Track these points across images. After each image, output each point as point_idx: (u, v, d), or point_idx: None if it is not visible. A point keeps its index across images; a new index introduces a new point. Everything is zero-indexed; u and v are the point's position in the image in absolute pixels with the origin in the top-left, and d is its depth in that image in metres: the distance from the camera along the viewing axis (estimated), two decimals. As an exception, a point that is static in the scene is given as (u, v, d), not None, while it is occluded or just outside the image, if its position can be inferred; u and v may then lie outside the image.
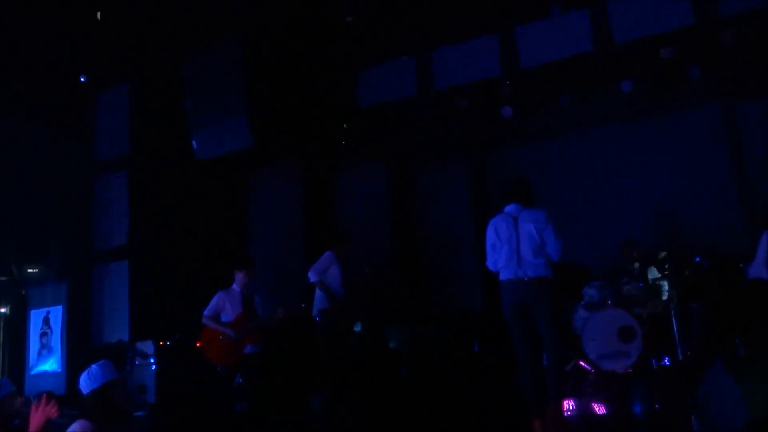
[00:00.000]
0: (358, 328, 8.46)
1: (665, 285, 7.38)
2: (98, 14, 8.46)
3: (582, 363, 7.15)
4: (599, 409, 5.86)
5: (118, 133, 9.48)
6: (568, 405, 5.65)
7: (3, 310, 9.33)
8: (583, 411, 5.68)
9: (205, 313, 6.95)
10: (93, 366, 4.20)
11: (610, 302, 7.49)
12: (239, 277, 7.05)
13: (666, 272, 7.21)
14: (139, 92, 9.46)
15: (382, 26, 9.19)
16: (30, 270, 9.29)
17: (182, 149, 8.91)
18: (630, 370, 7.03)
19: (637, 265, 7.89)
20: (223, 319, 6.93)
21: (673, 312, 6.99)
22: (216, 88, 8.60)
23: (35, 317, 9.36)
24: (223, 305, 6.98)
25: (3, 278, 9.29)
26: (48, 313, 9.32)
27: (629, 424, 5.49)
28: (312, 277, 7.64)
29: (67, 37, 8.74)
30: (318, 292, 7.64)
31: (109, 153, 9.49)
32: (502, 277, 5.43)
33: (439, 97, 9.33)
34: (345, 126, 9.94)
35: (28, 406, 4.34)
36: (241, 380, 6.99)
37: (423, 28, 9.24)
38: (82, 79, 9.44)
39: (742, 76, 8.52)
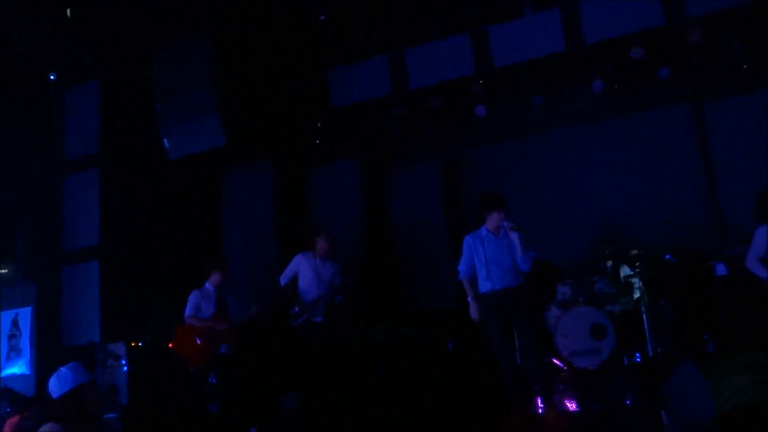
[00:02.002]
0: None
1: (637, 282, 7.47)
2: (68, 11, 8.34)
3: (555, 360, 7.23)
4: (571, 405, 5.92)
5: (88, 132, 9.34)
6: (539, 402, 5.71)
7: (-30, 312, 9.15)
8: (556, 408, 5.73)
9: (188, 313, 6.90)
10: (62, 369, 4.16)
11: (582, 300, 7.58)
12: (215, 277, 7.01)
13: (637, 270, 7.31)
14: (109, 90, 9.32)
15: (355, 25, 9.18)
16: (-3, 271, 9.13)
17: (154, 148, 8.80)
18: (602, 367, 7.12)
19: (609, 263, 7.98)
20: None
21: (643, 309, 7.09)
22: (187, 86, 8.51)
23: (4, 319, 9.19)
24: (199, 304, 6.94)
25: (-30, 280, 9.12)
26: (16, 314, 9.16)
27: (601, 420, 5.55)
28: (281, 281, 7.50)
29: (36, 34, 8.59)
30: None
31: (79, 151, 9.35)
32: None
33: (413, 96, 9.33)
34: (318, 125, 9.90)
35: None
36: (215, 381, 6.95)
37: (396, 27, 9.24)
38: (51, 77, 9.29)
39: (710, 77, 8.66)
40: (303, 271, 7.34)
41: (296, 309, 7.26)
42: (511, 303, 5.65)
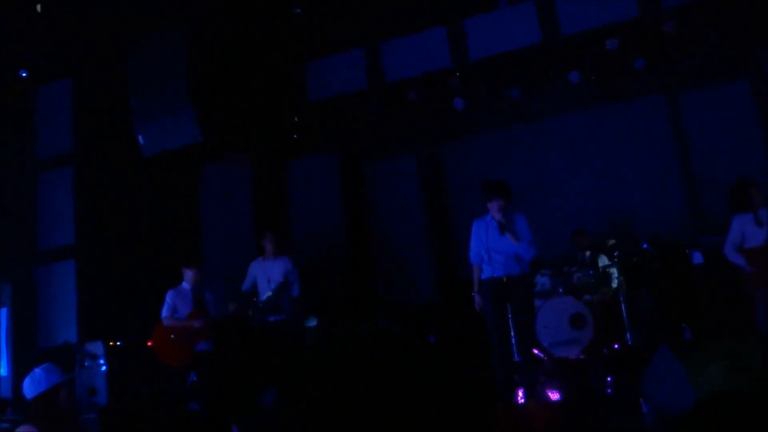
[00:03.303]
0: (313, 323, 8.41)
1: (615, 272, 7.53)
2: (38, 6, 8.19)
3: (535, 350, 7.27)
4: (553, 395, 5.95)
5: (62, 130, 9.19)
6: (521, 392, 5.74)
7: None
8: (538, 398, 5.76)
9: (165, 314, 6.85)
10: (36, 370, 4.09)
11: (561, 290, 7.63)
12: (189, 275, 6.96)
13: (615, 259, 7.36)
14: (82, 87, 9.18)
15: (331, 18, 9.13)
16: (-30, 272, 8.99)
17: (129, 145, 8.68)
18: (581, 356, 7.17)
19: (587, 253, 8.04)
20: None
21: (622, 298, 7.15)
22: (161, 83, 8.40)
23: (-22, 320, 9.06)
24: (175, 304, 6.88)
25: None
26: (-9, 315, 9.03)
27: (582, 408, 5.59)
28: (242, 288, 7.76)
29: (6, 31, 8.44)
30: None
31: (53, 150, 9.20)
32: None
33: (390, 89, 9.32)
34: (295, 119, 9.85)
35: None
36: (195, 379, 6.90)
37: (372, 20, 9.21)
38: (22, 74, 9.14)
39: (685, 67, 8.74)
40: (256, 275, 7.69)
41: (250, 312, 7.49)
42: (509, 290, 5.61)
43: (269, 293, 7.38)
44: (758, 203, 6.19)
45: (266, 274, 7.55)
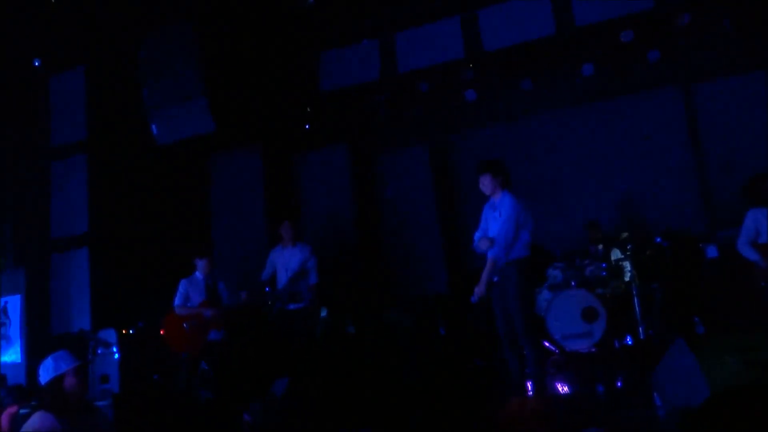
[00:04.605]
0: (323, 313, 8.44)
1: (627, 266, 7.49)
2: (51, -5, 8.22)
3: (546, 343, 7.26)
4: (563, 388, 5.95)
5: (75, 118, 9.23)
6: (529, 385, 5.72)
7: (-41, 300, 9.09)
8: (547, 390, 5.75)
9: (177, 303, 6.91)
10: (50, 356, 4.13)
11: (573, 283, 7.60)
12: (200, 265, 7.00)
13: (628, 253, 7.33)
14: (95, 76, 9.20)
15: (344, 8, 9.09)
16: (-15, 259, 9.07)
17: (142, 134, 8.71)
18: (593, 350, 7.15)
19: (600, 246, 8.00)
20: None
21: (635, 292, 7.12)
22: (174, 72, 8.41)
23: (-7, 307, 9.15)
24: (187, 293, 6.93)
25: (-43, 269, 9.05)
26: (6, 302, 9.10)
27: (592, 402, 5.58)
28: (261, 277, 7.84)
29: (20, 20, 8.46)
30: None
31: (66, 138, 9.24)
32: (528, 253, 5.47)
33: (402, 79, 9.28)
34: (308, 109, 9.84)
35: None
36: (206, 367, 6.94)
37: (385, 11, 9.18)
38: (36, 63, 9.17)
39: (699, 59, 8.67)
40: (275, 264, 7.77)
41: (268, 302, 7.56)
42: (503, 279, 5.49)
43: (287, 281, 7.42)
44: (773, 198, 6.15)
45: (285, 263, 7.62)
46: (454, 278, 9.54)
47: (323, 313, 8.42)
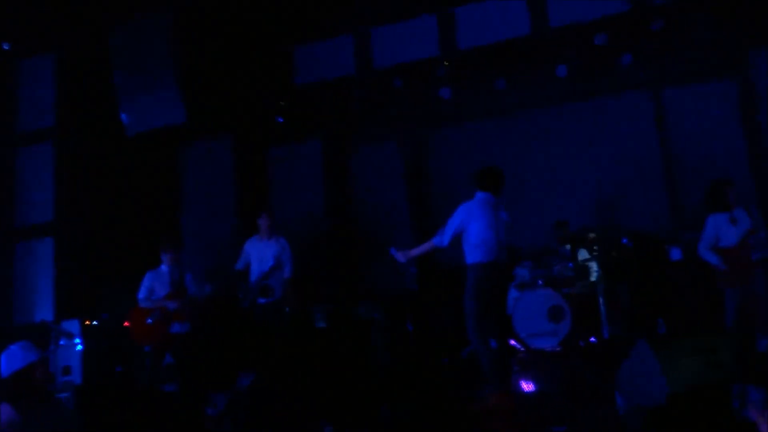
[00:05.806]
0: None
1: (594, 266, 7.58)
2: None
3: (512, 341, 7.31)
4: (527, 386, 5.99)
5: (43, 104, 9.08)
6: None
7: None
8: (511, 388, 5.79)
9: (141, 296, 6.84)
10: (12, 347, 4.07)
11: (540, 282, 7.67)
12: (166, 257, 6.93)
13: (595, 253, 7.41)
14: (65, 62, 9.05)
15: (321, 3, 9.06)
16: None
17: (112, 123, 8.59)
18: (558, 348, 7.22)
19: (567, 246, 8.08)
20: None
21: (600, 292, 7.20)
22: (146, 61, 8.31)
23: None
24: (152, 286, 6.86)
25: None
26: (-33, 292, 8.91)
27: (556, 401, 5.63)
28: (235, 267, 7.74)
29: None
30: None
31: (33, 124, 9.08)
32: (485, 258, 5.51)
33: (378, 75, 9.28)
34: (281, 102, 9.79)
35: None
36: (172, 360, 6.88)
37: (362, 6, 9.16)
38: (4, 47, 8.99)
39: (670, 64, 8.78)
40: (250, 254, 7.65)
41: (240, 293, 7.47)
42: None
43: (259, 275, 7.34)
44: (733, 203, 6.26)
45: (259, 254, 7.52)
46: (424, 275, 9.56)
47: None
